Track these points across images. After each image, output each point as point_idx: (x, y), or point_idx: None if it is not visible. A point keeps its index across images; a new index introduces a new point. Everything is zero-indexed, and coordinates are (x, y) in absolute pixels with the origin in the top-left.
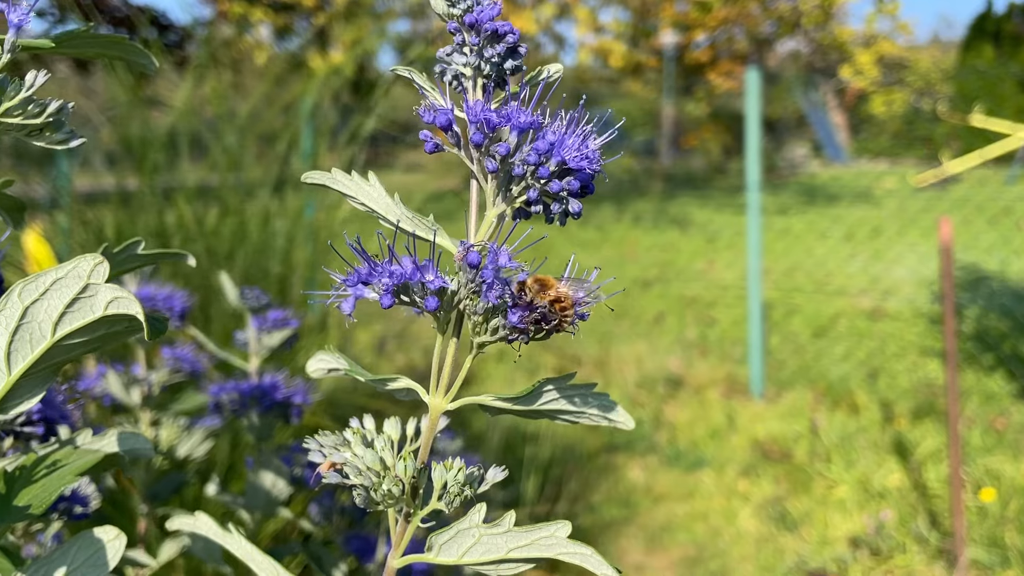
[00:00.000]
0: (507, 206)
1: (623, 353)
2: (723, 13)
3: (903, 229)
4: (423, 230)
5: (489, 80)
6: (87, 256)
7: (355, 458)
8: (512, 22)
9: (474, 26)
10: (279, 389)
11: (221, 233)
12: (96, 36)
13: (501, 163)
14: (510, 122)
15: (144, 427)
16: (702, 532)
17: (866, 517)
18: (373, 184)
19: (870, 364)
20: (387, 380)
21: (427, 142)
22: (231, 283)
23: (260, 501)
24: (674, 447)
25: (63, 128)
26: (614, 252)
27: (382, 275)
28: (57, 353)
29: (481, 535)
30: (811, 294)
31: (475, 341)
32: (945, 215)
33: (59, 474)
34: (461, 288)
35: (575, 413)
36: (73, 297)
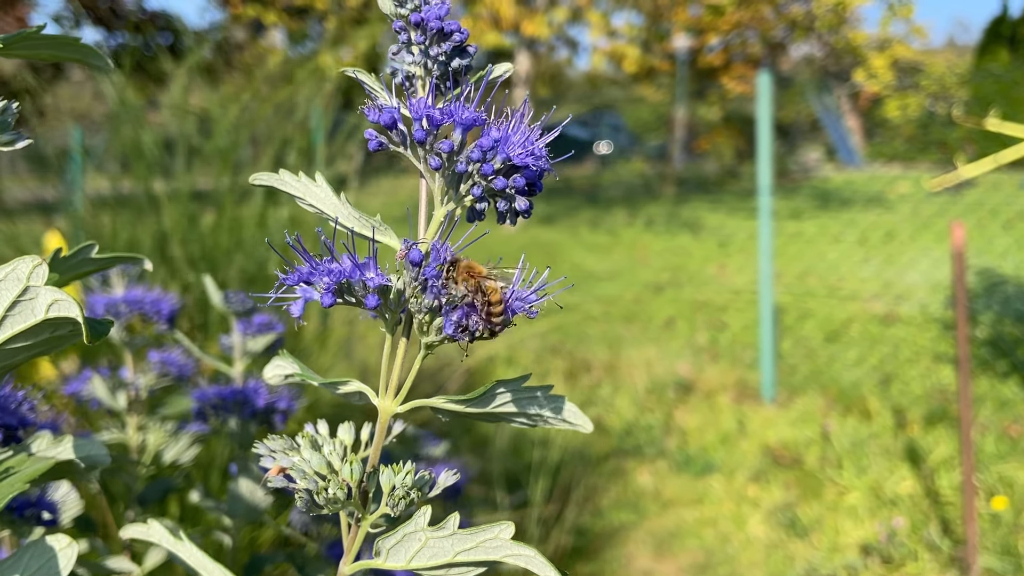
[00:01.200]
0: (456, 205)
1: (633, 357)
2: (736, 17)
3: (916, 233)
4: (367, 229)
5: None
6: (26, 258)
7: (302, 462)
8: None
9: (420, 24)
10: (262, 395)
11: (218, 235)
12: (48, 37)
13: (447, 161)
14: (453, 118)
15: (131, 431)
16: (711, 538)
17: (878, 524)
18: (320, 185)
19: (883, 369)
20: (338, 384)
21: (371, 140)
22: (214, 286)
23: (241, 508)
24: (684, 452)
25: (7, 129)
26: (626, 256)
27: (322, 274)
28: (1, 357)
29: (427, 539)
30: (823, 298)
31: (423, 341)
32: (959, 219)
33: (8, 482)
34: (406, 287)
35: (530, 416)
36: (13, 300)
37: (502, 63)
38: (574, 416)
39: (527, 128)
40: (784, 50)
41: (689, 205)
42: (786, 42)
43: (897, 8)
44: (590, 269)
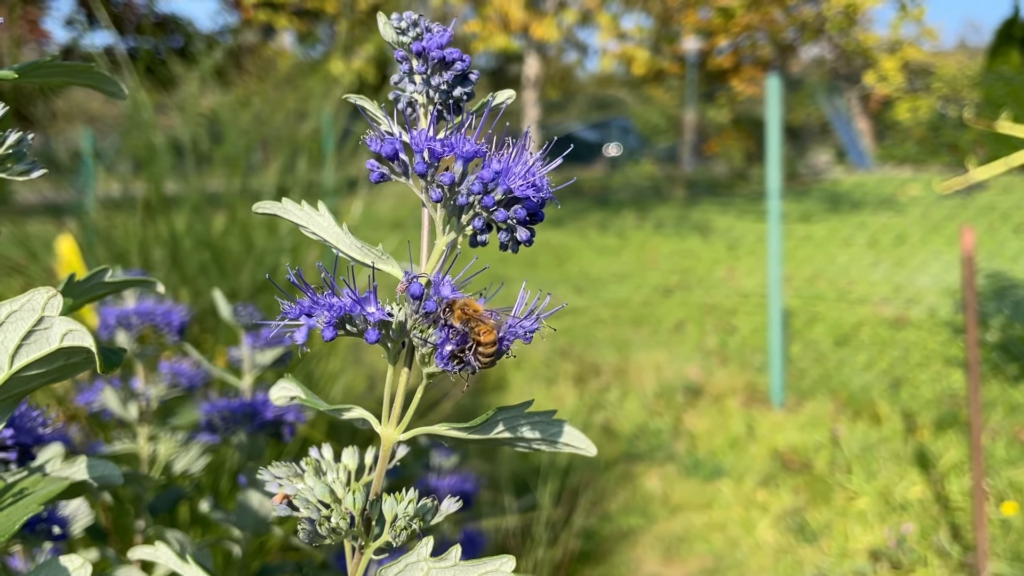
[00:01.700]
0: (457, 235)
1: (642, 361)
2: (746, 19)
3: (927, 236)
4: (369, 258)
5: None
6: (41, 289)
7: (305, 490)
8: (534, 29)
9: (421, 54)
10: (270, 407)
11: (228, 239)
12: (62, 65)
13: (448, 192)
14: (454, 151)
15: (142, 442)
16: (720, 543)
17: (887, 529)
18: (323, 214)
19: (893, 374)
20: (342, 410)
21: (372, 172)
22: (224, 300)
23: (249, 520)
24: (692, 456)
25: (23, 159)
26: (635, 258)
27: (323, 308)
28: (15, 384)
29: (429, 569)
30: (833, 302)
31: (424, 371)
32: (969, 223)
33: (24, 503)
34: (408, 319)
35: (533, 440)
36: (28, 330)
37: (504, 91)
38: (577, 440)
39: (528, 158)
40: (794, 52)
41: (698, 208)
42: (796, 44)
43: (908, 10)
44: (599, 272)
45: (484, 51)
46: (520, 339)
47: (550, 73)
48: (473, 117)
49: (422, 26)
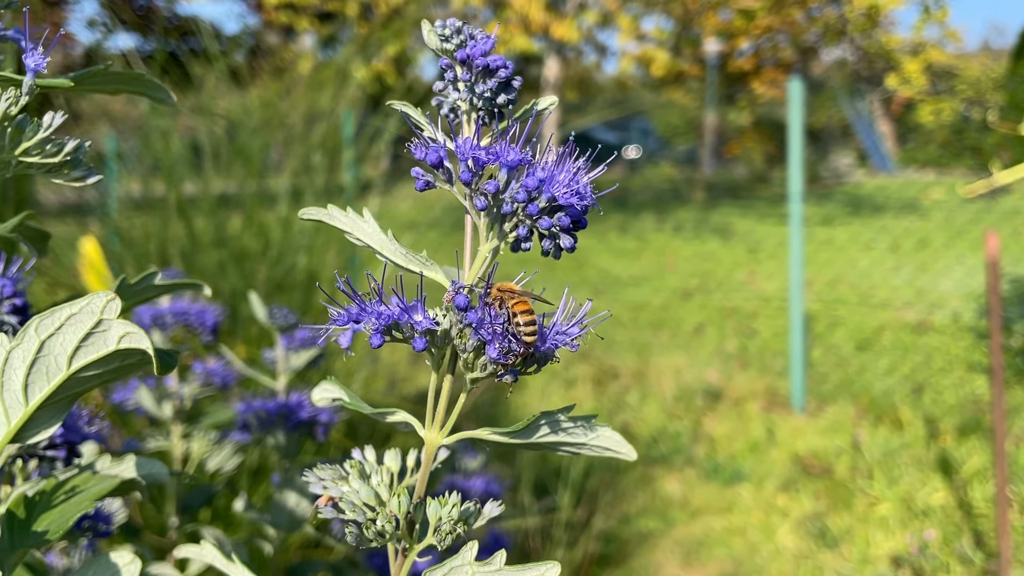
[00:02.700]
0: (500, 242)
1: (661, 364)
2: (767, 21)
3: (950, 241)
4: (415, 265)
5: (482, 114)
6: (100, 293)
7: (351, 492)
8: (554, 30)
9: (466, 62)
10: (305, 408)
11: (246, 239)
12: (114, 73)
13: (492, 200)
14: (499, 160)
15: (175, 440)
16: (740, 547)
17: (909, 536)
18: (368, 220)
19: (915, 379)
20: (386, 413)
21: (418, 180)
22: (260, 302)
23: (284, 519)
24: (712, 460)
25: (80, 166)
26: (654, 261)
27: (371, 315)
28: (72, 385)
29: (473, 572)
30: (854, 306)
31: (467, 377)
32: (994, 227)
33: (77, 500)
34: (452, 327)
35: (575, 445)
36: (87, 332)
37: (546, 97)
38: (617, 445)
39: (572, 166)
40: (815, 54)
41: (719, 211)
42: (818, 46)
43: (932, 12)
44: (618, 274)
45: (504, 53)
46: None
47: (569, 75)
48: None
49: (465, 33)
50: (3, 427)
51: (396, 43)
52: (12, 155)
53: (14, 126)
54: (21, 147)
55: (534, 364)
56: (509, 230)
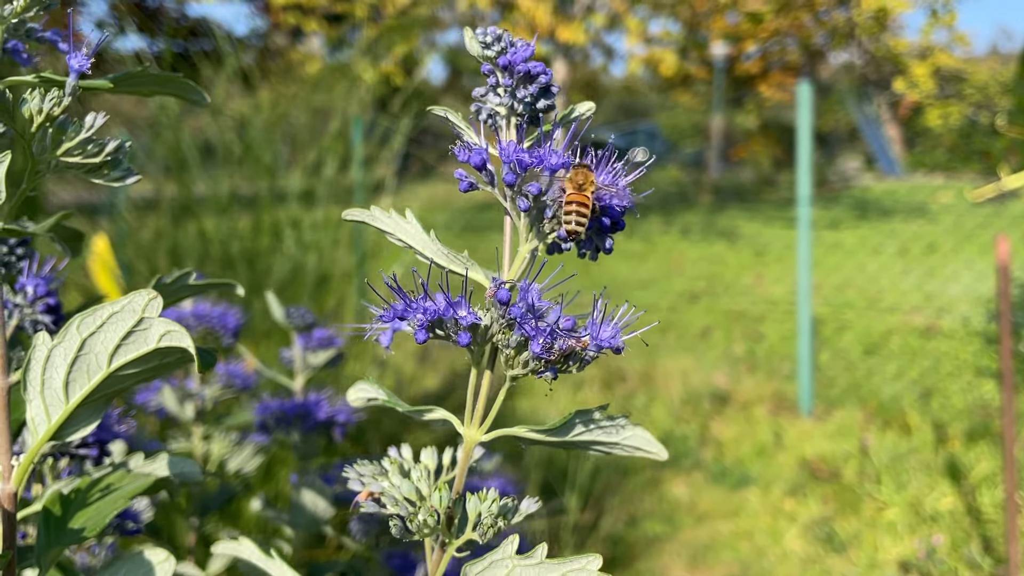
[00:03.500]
0: (539, 242)
1: (669, 367)
2: (775, 24)
3: (959, 245)
4: (457, 265)
5: (522, 119)
6: (142, 292)
7: (392, 488)
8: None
9: (508, 68)
10: (323, 408)
11: (256, 238)
12: (151, 75)
13: (534, 202)
14: (542, 163)
15: (196, 440)
16: (747, 551)
17: (917, 541)
18: (410, 221)
19: (923, 383)
20: (423, 411)
21: (462, 181)
22: (277, 302)
23: (303, 519)
24: (719, 464)
25: (120, 166)
26: (661, 264)
27: (417, 311)
28: (112, 383)
29: (514, 566)
30: (862, 310)
31: (508, 374)
32: (1003, 232)
33: (112, 498)
34: (493, 323)
35: (608, 444)
36: (128, 330)
37: (584, 102)
38: (649, 444)
39: (612, 169)
40: (823, 58)
41: (725, 213)
42: (825, 50)
43: (940, 15)
44: (625, 277)
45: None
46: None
47: (576, 78)
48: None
49: (506, 40)
50: (43, 424)
51: (404, 44)
52: (54, 155)
53: (56, 126)
54: (63, 147)
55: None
56: (549, 230)
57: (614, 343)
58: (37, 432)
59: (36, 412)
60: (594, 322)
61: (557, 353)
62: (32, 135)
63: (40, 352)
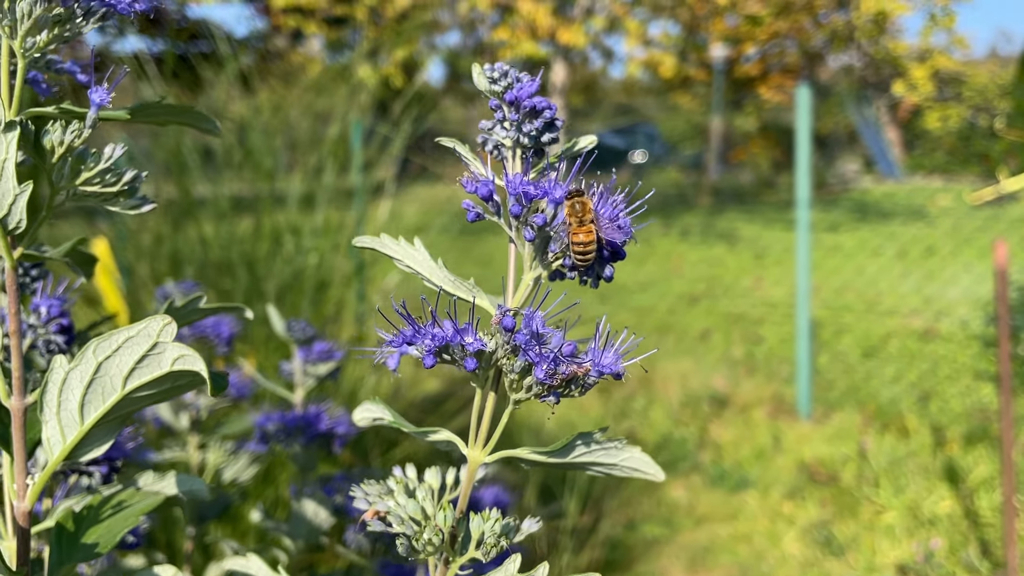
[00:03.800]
0: (543, 270)
1: (668, 370)
2: (774, 27)
3: (958, 248)
4: (463, 292)
5: (527, 151)
6: (156, 318)
7: (398, 508)
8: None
9: (514, 103)
10: (323, 420)
11: (256, 242)
12: (167, 106)
13: (538, 232)
14: (547, 195)
15: (192, 450)
16: (745, 554)
17: (915, 544)
18: (419, 249)
19: (921, 386)
20: (428, 432)
21: (469, 212)
22: (278, 315)
23: (303, 530)
24: (718, 467)
25: (136, 194)
26: (660, 266)
27: (425, 337)
28: (126, 404)
29: None
30: (861, 313)
31: (512, 397)
32: (1002, 235)
33: (123, 515)
34: (498, 348)
35: (607, 465)
36: (143, 354)
37: (586, 136)
38: (646, 466)
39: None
40: (822, 60)
41: (725, 216)
42: (825, 52)
43: (939, 18)
44: (624, 279)
45: (511, 58)
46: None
47: (576, 80)
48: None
49: (512, 76)
50: (59, 445)
51: (404, 47)
52: (73, 184)
53: (75, 156)
54: (82, 176)
55: (579, 387)
56: (553, 259)
57: (615, 369)
58: (52, 452)
59: (52, 432)
60: (595, 347)
61: (560, 379)
62: (53, 165)
63: (57, 375)
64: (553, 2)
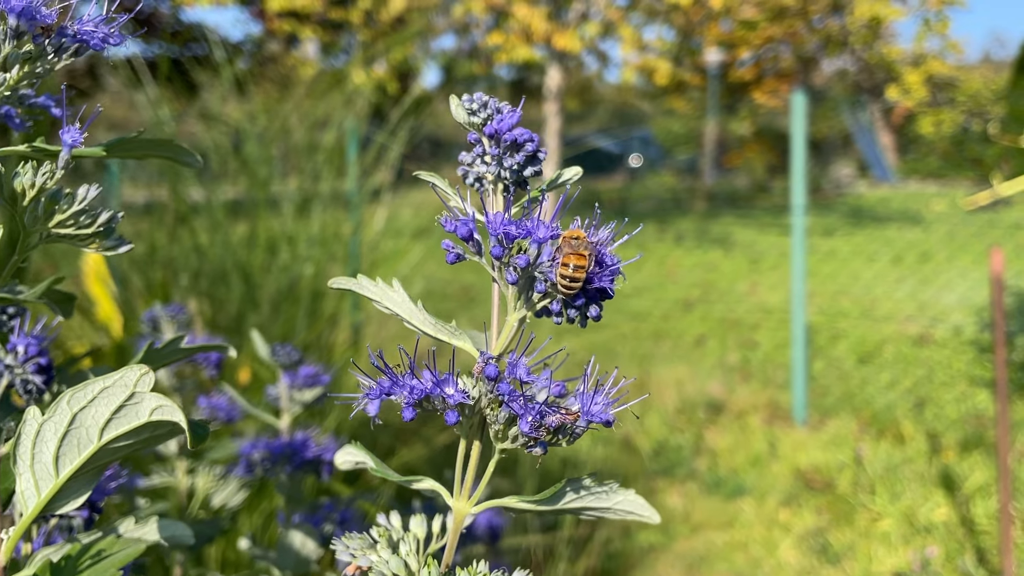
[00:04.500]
0: (528, 311)
1: (663, 376)
2: (769, 32)
3: (953, 254)
4: (444, 335)
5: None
6: (133, 367)
7: (380, 563)
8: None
9: (494, 136)
10: (310, 447)
11: (251, 249)
12: (145, 140)
13: (521, 273)
14: (530, 235)
15: (180, 475)
16: (742, 562)
17: (911, 552)
18: (397, 290)
19: (917, 393)
20: (412, 481)
21: (448, 253)
22: (262, 340)
23: (290, 561)
24: (714, 474)
25: (112, 235)
26: (655, 272)
27: (403, 388)
28: (103, 455)
29: None
30: (857, 319)
31: (497, 447)
32: (996, 242)
33: (103, 566)
34: (482, 397)
35: (600, 510)
36: (120, 404)
37: (571, 168)
38: (640, 509)
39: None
40: (817, 65)
41: (720, 221)
42: (819, 57)
43: (932, 23)
44: (619, 285)
45: (506, 63)
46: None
47: (570, 84)
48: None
49: (492, 107)
50: (33, 499)
51: (399, 51)
52: (46, 227)
53: (47, 198)
54: (55, 219)
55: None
56: (537, 300)
57: (604, 417)
58: (27, 506)
59: (26, 486)
60: (584, 392)
61: (546, 431)
62: (24, 208)
63: (30, 427)
64: (548, 7)
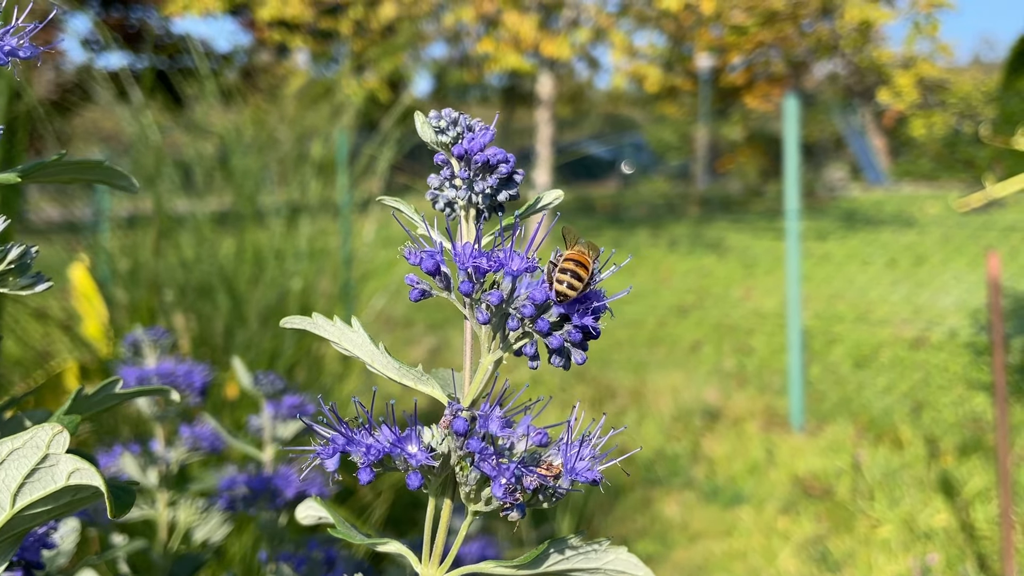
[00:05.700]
0: (504, 352)
1: (659, 383)
2: (759, 36)
3: (948, 257)
4: (409, 380)
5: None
6: (45, 426)
7: None
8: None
9: (463, 157)
10: (292, 483)
11: (239, 263)
12: (70, 163)
13: (495, 311)
14: (503, 267)
15: (161, 507)
16: (741, 572)
17: (911, 559)
18: (357, 331)
19: (914, 397)
20: (378, 543)
21: (413, 289)
22: (244, 369)
23: None
24: (711, 482)
25: (27, 272)
26: (649, 277)
27: (359, 447)
28: (18, 523)
29: None
30: (852, 323)
31: (470, 509)
32: (991, 245)
33: None
34: (452, 452)
35: (589, 571)
36: (32, 468)
37: (552, 191)
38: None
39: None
40: (807, 69)
41: (713, 225)
42: (810, 61)
43: (922, 26)
44: (612, 291)
45: (497, 71)
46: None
47: (562, 91)
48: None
49: (462, 125)
50: None
51: (389, 60)
52: None
53: None
54: None
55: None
56: (514, 340)
57: (590, 476)
58: None
59: None
60: (568, 443)
61: (523, 492)
62: None
63: None
64: (538, 14)
